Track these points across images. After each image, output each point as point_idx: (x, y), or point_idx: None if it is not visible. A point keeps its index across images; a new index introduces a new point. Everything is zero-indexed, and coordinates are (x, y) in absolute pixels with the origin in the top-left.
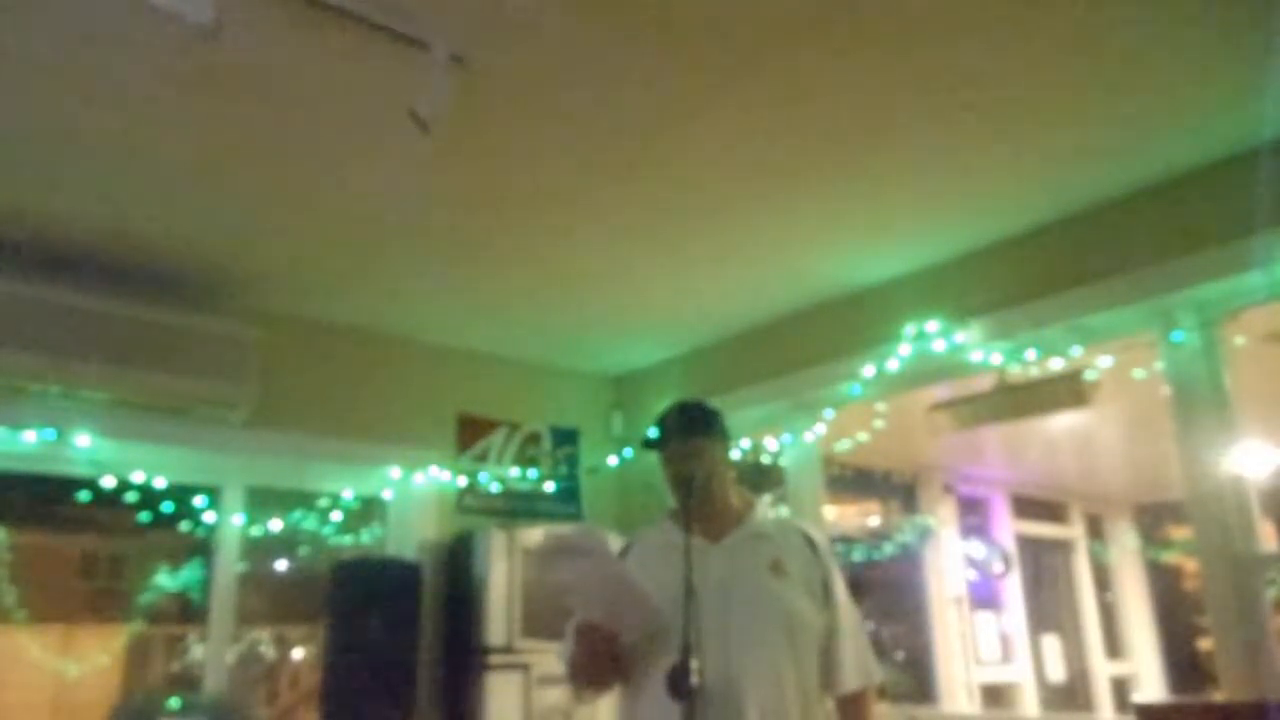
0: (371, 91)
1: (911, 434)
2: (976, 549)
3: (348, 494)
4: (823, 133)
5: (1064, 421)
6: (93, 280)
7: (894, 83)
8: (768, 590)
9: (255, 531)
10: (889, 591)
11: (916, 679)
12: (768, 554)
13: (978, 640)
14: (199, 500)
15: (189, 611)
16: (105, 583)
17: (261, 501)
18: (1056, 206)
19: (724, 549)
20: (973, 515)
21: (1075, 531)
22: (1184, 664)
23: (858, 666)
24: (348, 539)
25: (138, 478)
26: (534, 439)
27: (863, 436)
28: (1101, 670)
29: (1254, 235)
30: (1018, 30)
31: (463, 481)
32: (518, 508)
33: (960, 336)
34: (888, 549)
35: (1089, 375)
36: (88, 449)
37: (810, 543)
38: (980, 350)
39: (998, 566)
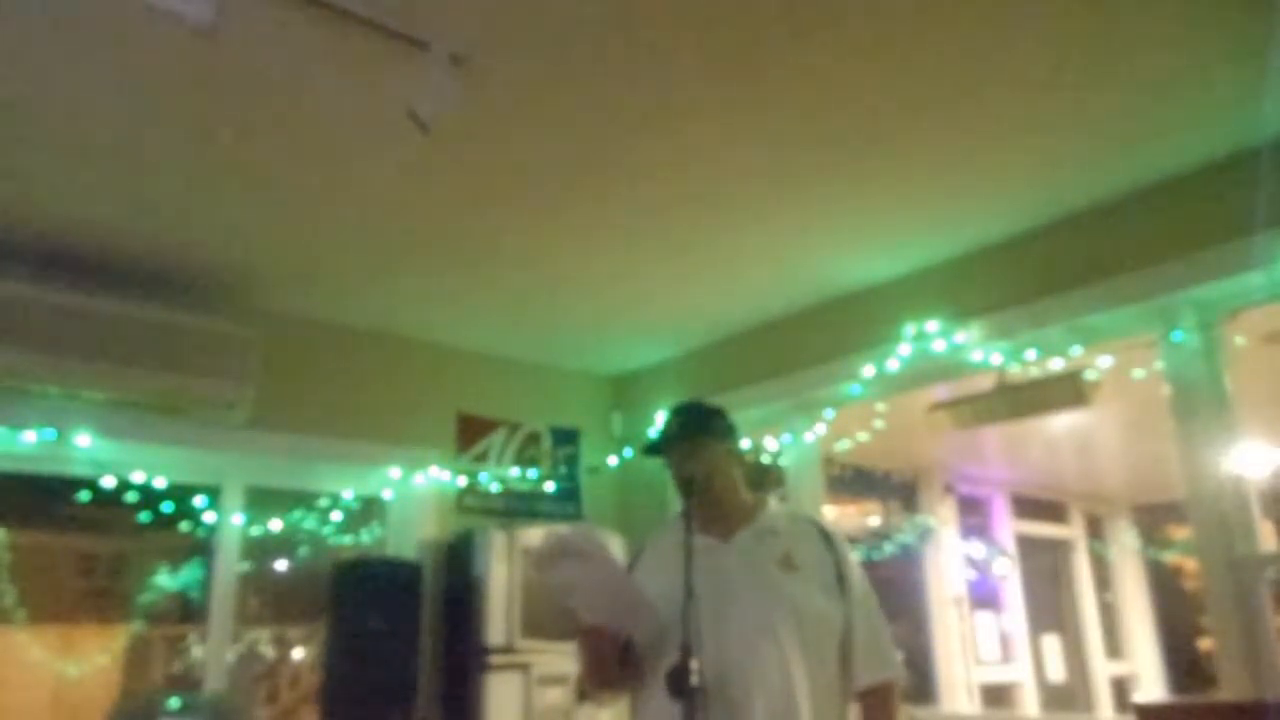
0: (371, 91)
1: (911, 434)
2: (976, 549)
3: (348, 494)
4: (823, 133)
5: (1064, 421)
6: (93, 280)
7: (894, 84)
8: (777, 586)
9: (255, 531)
10: (889, 591)
11: (916, 679)
12: (778, 549)
13: (978, 640)
14: (199, 500)
15: (189, 611)
16: (105, 583)
17: (261, 501)
18: (1056, 206)
19: (734, 547)
20: (973, 515)
21: (1075, 531)
22: (1184, 664)
23: (873, 658)
24: (348, 539)
25: (138, 478)
26: (534, 439)
27: (863, 436)
28: (1101, 670)
29: (1254, 235)
30: (1016, 31)
31: (463, 481)
32: (518, 508)
33: (960, 336)
34: (888, 549)
35: (1089, 375)
36: (88, 449)
37: (824, 534)
38: (980, 350)
39: (1002, 569)
